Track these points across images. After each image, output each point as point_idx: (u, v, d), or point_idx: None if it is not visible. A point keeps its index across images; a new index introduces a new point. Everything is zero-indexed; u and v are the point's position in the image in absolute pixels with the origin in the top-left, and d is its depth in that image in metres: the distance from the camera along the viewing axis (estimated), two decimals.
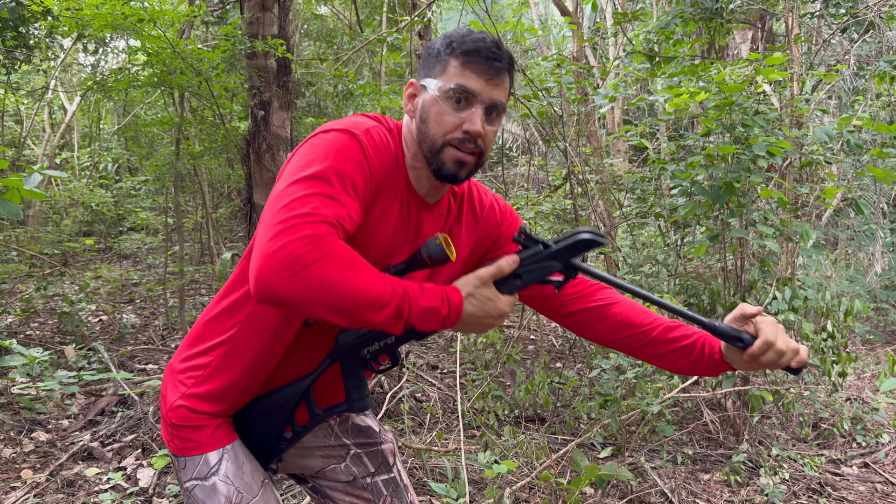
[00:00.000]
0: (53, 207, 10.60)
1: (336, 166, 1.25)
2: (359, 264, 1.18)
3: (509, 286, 1.31)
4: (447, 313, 1.25)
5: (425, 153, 1.39)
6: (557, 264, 1.30)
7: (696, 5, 5.48)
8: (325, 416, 1.46)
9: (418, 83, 1.41)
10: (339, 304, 1.16)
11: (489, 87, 1.34)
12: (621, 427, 3.49)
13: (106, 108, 13.23)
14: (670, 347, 1.48)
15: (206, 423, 1.45)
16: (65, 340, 5.43)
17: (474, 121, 1.34)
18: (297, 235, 1.14)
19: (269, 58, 4.83)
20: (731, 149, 3.37)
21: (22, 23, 7.10)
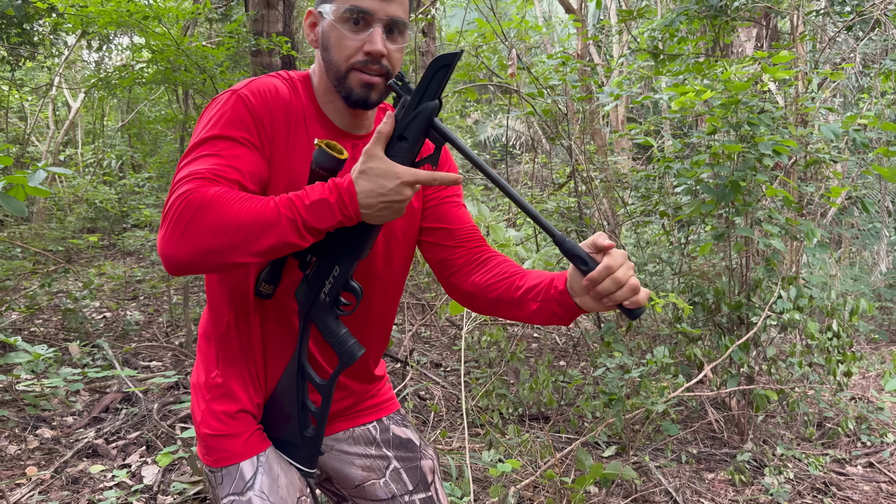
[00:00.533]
0: (57, 204, 10.62)
1: (217, 127, 1.26)
2: (235, 199, 1.16)
3: (399, 152, 1.22)
4: (337, 199, 1.17)
5: (332, 81, 1.36)
6: (432, 102, 1.20)
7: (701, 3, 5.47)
8: (331, 386, 1.41)
9: (315, 10, 1.38)
10: (232, 240, 1.14)
11: (384, 3, 1.31)
12: (626, 426, 3.49)
13: (110, 104, 13.24)
14: (523, 291, 1.41)
15: (237, 431, 1.43)
16: (69, 337, 5.44)
17: (374, 40, 1.30)
18: (172, 198, 1.15)
19: (273, 55, 4.83)
20: (738, 147, 3.36)
21: (26, 19, 7.11)
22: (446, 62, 1.18)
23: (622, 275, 1.19)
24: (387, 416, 1.68)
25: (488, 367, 4.38)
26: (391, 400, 1.72)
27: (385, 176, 1.18)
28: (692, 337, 3.88)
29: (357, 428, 1.63)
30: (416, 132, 1.21)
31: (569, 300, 1.32)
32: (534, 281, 1.41)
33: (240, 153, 1.25)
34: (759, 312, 3.74)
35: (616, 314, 4.46)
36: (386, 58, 1.33)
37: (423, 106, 1.20)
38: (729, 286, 3.95)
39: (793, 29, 5.54)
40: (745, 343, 3.63)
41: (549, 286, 1.36)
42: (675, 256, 4.72)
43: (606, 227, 5.05)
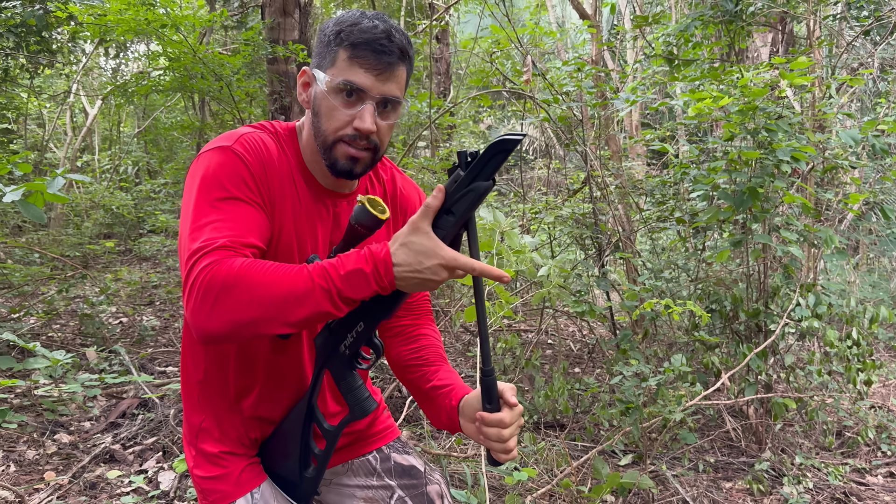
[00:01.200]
0: (74, 210, 10.71)
1: (220, 187, 1.23)
2: (265, 269, 1.14)
3: (444, 225, 1.17)
4: (374, 269, 1.14)
5: (319, 147, 1.35)
6: (486, 183, 1.14)
7: (717, 8, 5.44)
8: (338, 433, 1.40)
9: (310, 72, 1.35)
10: (266, 312, 1.13)
11: (379, 82, 1.29)
12: (643, 434, 3.46)
13: (126, 111, 13.36)
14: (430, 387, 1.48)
15: (228, 471, 1.43)
16: (86, 342, 5.47)
17: (364, 118, 1.28)
18: (196, 271, 1.13)
19: (289, 63, 4.86)
20: (756, 154, 3.33)
21: (46, 28, 7.19)
22: (507, 147, 1.12)
23: (507, 433, 1.27)
24: (386, 445, 1.67)
25: (503, 374, 4.37)
26: (390, 428, 1.71)
27: (426, 254, 1.14)
28: (709, 345, 3.85)
29: (355, 460, 1.63)
30: (465, 209, 1.17)
31: (455, 418, 1.41)
32: (441, 381, 1.48)
33: (247, 214, 1.24)
34: (777, 320, 3.71)
35: (629, 323, 4.43)
36: (375, 133, 1.31)
37: (476, 185, 1.15)
38: (746, 293, 3.92)
39: (809, 34, 5.50)
40: (763, 351, 3.59)
41: (447, 395, 1.43)
42: (692, 263, 4.68)
43: (622, 233, 5.03)
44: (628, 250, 4.79)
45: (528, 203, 6.07)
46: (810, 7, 5.40)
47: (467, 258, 1.16)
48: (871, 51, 7.08)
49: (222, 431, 1.45)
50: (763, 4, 5.22)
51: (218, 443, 1.44)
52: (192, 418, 1.48)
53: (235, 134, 1.31)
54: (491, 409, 1.27)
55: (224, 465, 1.43)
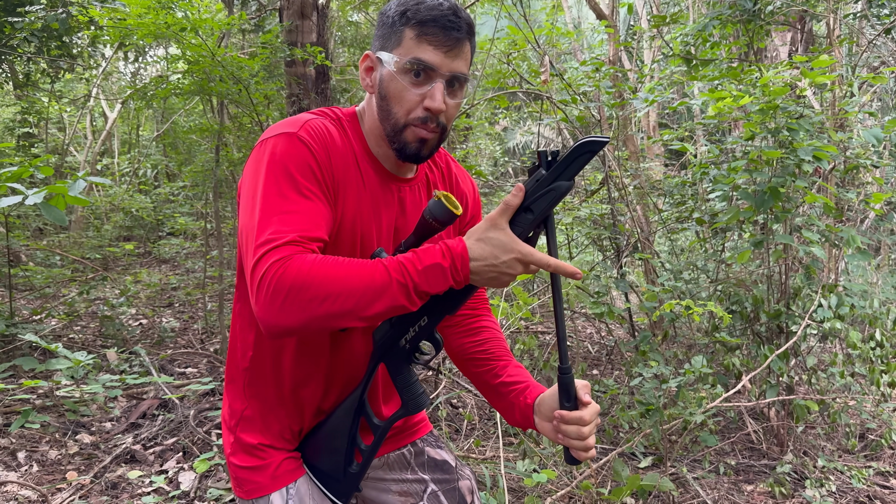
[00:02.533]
0: (95, 213, 10.83)
1: (284, 176, 1.21)
2: (339, 264, 1.14)
3: (522, 223, 1.18)
4: (451, 264, 1.15)
5: (387, 131, 1.33)
6: (567, 183, 1.16)
7: (735, 7, 5.41)
8: (387, 428, 1.40)
9: (374, 55, 1.34)
10: (342, 306, 1.12)
11: (448, 58, 1.27)
12: (663, 436, 3.44)
13: (145, 115, 13.49)
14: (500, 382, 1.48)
15: (265, 462, 1.42)
16: (106, 344, 5.52)
17: (435, 97, 1.27)
18: (266, 265, 1.13)
19: (307, 65, 4.87)
20: (778, 153, 3.30)
21: (66, 32, 7.28)
22: (593, 149, 1.13)
23: (587, 431, 1.28)
24: (420, 439, 1.67)
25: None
26: (424, 421, 1.71)
27: (503, 248, 1.15)
28: (730, 346, 3.82)
29: (392, 454, 1.62)
30: (544, 208, 1.17)
31: (530, 416, 1.41)
32: (512, 377, 1.47)
33: (314, 206, 1.22)
34: (798, 321, 3.67)
35: (647, 324, 4.40)
36: (444, 113, 1.30)
37: (557, 184, 1.16)
38: (767, 294, 3.88)
39: (829, 32, 5.45)
40: (785, 352, 3.56)
41: (521, 393, 1.43)
42: (711, 264, 4.64)
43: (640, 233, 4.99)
44: (647, 251, 4.76)
45: None
46: (830, 5, 5.34)
47: (542, 254, 1.17)
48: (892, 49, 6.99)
49: (265, 423, 1.43)
50: (782, 3, 5.17)
51: (259, 434, 1.43)
52: (234, 404, 1.46)
53: (299, 120, 1.29)
54: (569, 408, 1.28)
55: (262, 456, 1.42)
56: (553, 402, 1.33)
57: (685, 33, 5.78)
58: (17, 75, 9.40)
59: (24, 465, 3.50)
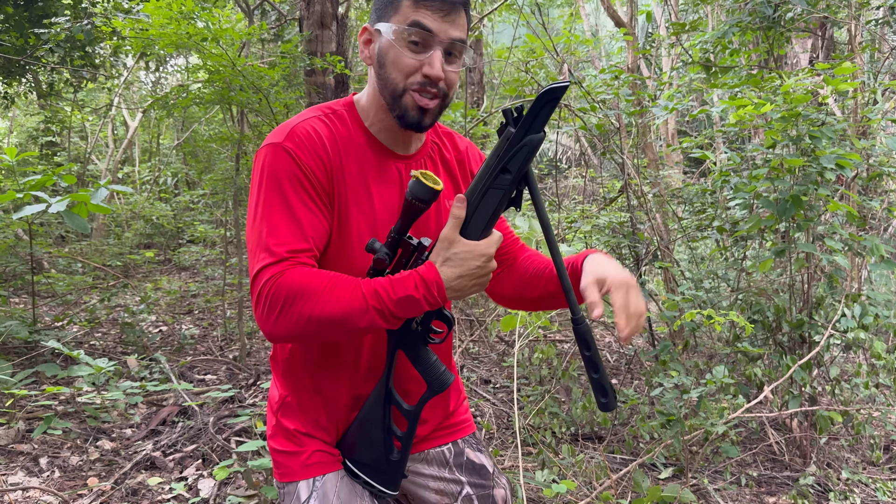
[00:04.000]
0: (116, 220, 10.94)
1: (274, 189, 1.29)
2: (322, 287, 1.22)
3: (501, 184, 1.21)
4: (425, 293, 1.22)
5: (387, 99, 1.36)
6: (538, 136, 1.17)
7: (755, 14, 5.37)
8: (418, 412, 1.43)
9: (372, 28, 1.37)
10: (324, 328, 1.23)
11: (446, 24, 1.30)
12: (684, 447, 3.40)
13: (166, 124, 13.63)
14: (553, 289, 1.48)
15: (300, 450, 1.46)
16: (127, 350, 5.57)
17: (434, 63, 1.30)
18: (261, 282, 1.23)
19: (327, 74, 4.90)
20: (799, 161, 3.27)
21: (89, 43, 7.39)
22: (554, 95, 1.15)
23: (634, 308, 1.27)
24: (462, 439, 1.66)
25: (539, 385, 4.34)
26: (467, 422, 1.71)
27: (471, 257, 1.23)
28: (752, 356, 3.77)
29: (432, 450, 1.63)
30: (520, 165, 1.20)
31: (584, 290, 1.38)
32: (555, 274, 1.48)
33: (304, 218, 1.29)
34: (821, 331, 3.63)
35: (667, 334, 4.37)
36: (443, 80, 1.33)
37: (528, 139, 1.18)
38: (790, 304, 3.84)
39: (851, 39, 5.40)
40: (808, 363, 3.51)
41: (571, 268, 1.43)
42: (732, 273, 4.60)
43: (659, 242, 4.96)
44: (667, 260, 4.73)
45: (562, 212, 6.04)
46: (852, 12, 5.29)
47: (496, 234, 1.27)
48: None
49: (303, 411, 1.48)
50: (802, 10, 5.13)
51: (297, 421, 1.48)
52: (279, 390, 1.52)
53: (285, 129, 1.34)
54: (589, 356, 1.25)
55: (298, 443, 1.47)
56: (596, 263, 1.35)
57: (704, 40, 5.75)
58: (41, 85, 9.55)
59: (46, 470, 3.53)
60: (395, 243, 1.29)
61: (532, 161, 1.22)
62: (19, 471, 3.50)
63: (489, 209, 1.24)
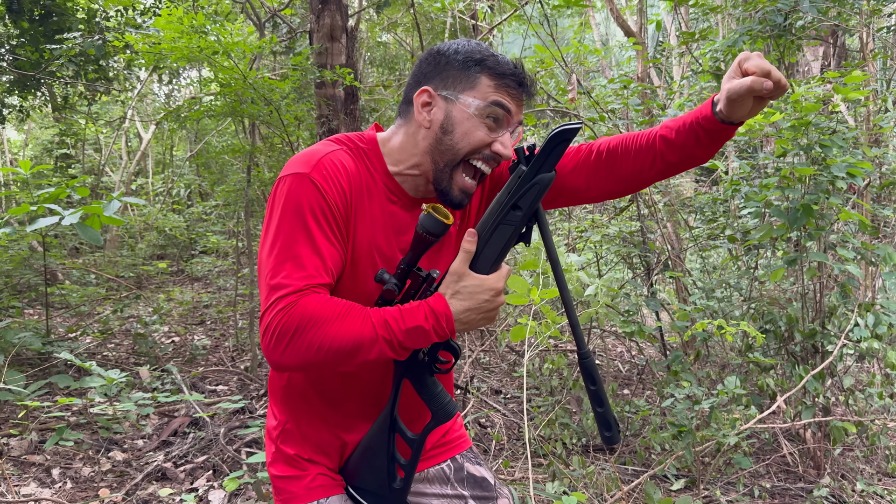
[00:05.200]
0: (129, 232, 11.02)
1: (296, 220, 1.28)
2: (333, 316, 1.22)
3: (512, 220, 1.24)
4: (434, 324, 1.23)
5: (438, 166, 1.38)
6: (549, 174, 1.21)
7: (765, 22, 5.35)
8: (422, 440, 1.43)
9: (436, 93, 1.38)
10: (334, 357, 1.22)
11: (517, 110, 1.37)
12: (696, 459, 3.38)
13: (179, 136, 13.73)
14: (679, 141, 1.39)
15: (303, 473, 1.47)
16: (139, 361, 5.60)
17: (507, 144, 1.36)
18: (273, 312, 1.22)
19: (337, 86, 4.93)
20: (810, 170, 3.25)
21: (103, 56, 7.47)
22: (566, 137, 1.19)
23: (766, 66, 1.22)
24: (460, 454, 1.68)
25: (550, 396, 4.32)
26: (463, 437, 1.72)
27: (480, 291, 1.25)
28: (764, 366, 3.74)
29: (431, 469, 1.64)
30: (531, 202, 1.23)
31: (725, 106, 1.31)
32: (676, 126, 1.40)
33: (325, 250, 1.29)
34: (834, 341, 3.59)
35: (680, 343, 4.34)
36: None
37: (540, 177, 1.22)
38: (802, 313, 3.81)
39: (863, 46, 5.37)
40: (821, 373, 3.48)
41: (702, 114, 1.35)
42: (744, 282, 4.57)
43: (671, 251, 4.94)
44: (678, 269, 4.71)
45: (573, 221, 6.03)
46: (863, 19, 5.27)
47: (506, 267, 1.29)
48: None
49: (303, 436, 1.48)
50: (813, 18, 5.12)
51: (298, 446, 1.48)
52: (277, 416, 1.52)
53: (313, 158, 1.33)
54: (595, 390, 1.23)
55: (300, 467, 1.47)
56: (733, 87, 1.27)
57: (714, 49, 5.74)
58: (56, 98, 9.66)
59: (58, 481, 3.55)
60: (405, 274, 1.31)
61: (542, 199, 1.25)
62: (32, 482, 3.52)
63: (499, 244, 1.27)
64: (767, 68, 1.23)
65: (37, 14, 7.13)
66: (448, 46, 1.38)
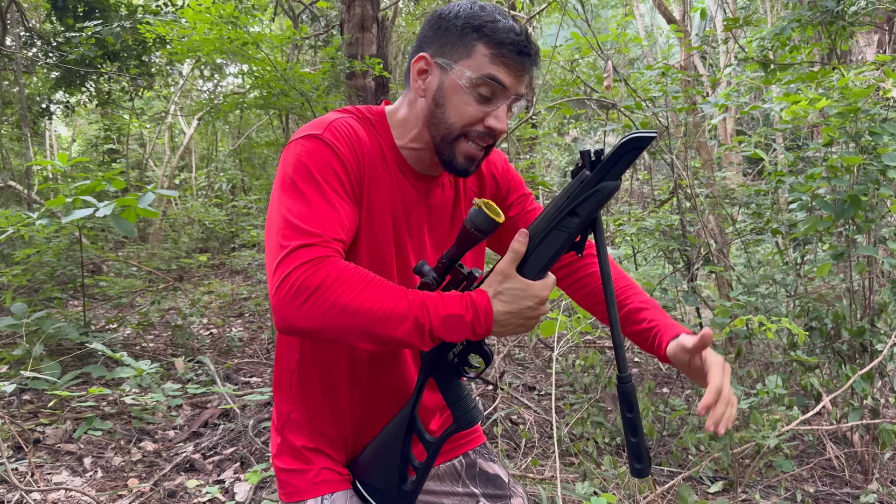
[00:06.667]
0: (173, 225, 11.21)
1: (308, 178, 1.20)
2: (366, 281, 1.13)
3: (567, 227, 1.15)
4: (473, 318, 1.15)
5: (436, 139, 1.31)
6: (614, 183, 1.11)
7: (815, 8, 5.14)
8: (440, 444, 1.36)
9: (432, 60, 1.30)
10: (355, 324, 1.11)
11: (517, 82, 1.27)
12: (734, 460, 3.24)
13: (221, 131, 13.92)
14: (630, 329, 1.42)
15: (307, 467, 1.41)
16: (177, 352, 5.66)
17: (501, 118, 1.27)
18: (296, 263, 1.12)
19: (367, 77, 4.89)
20: (858, 159, 3.08)
21: (144, 52, 7.59)
22: (639, 145, 1.09)
23: (731, 410, 1.23)
24: (473, 450, 1.61)
25: (584, 393, 4.21)
26: (476, 432, 1.66)
27: (522, 296, 1.17)
28: (808, 366, 3.58)
29: (442, 465, 1.57)
30: (591, 210, 1.14)
31: (666, 360, 1.37)
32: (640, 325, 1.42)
33: (337, 207, 1.21)
34: (884, 339, 3.41)
35: (722, 341, 4.19)
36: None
37: (603, 185, 1.12)
38: (850, 310, 3.62)
39: None
40: (869, 373, 3.30)
41: (653, 337, 1.38)
42: (790, 277, 4.38)
43: (713, 245, 4.77)
44: (721, 264, 4.54)
45: (612, 215, 5.89)
46: None
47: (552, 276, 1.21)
48: None
49: (311, 425, 1.41)
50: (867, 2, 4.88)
51: (304, 436, 1.41)
52: (282, 407, 1.46)
53: (325, 121, 1.28)
54: (631, 418, 1.19)
55: (305, 460, 1.41)
56: (682, 353, 1.31)
57: (762, 37, 5.55)
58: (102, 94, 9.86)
59: (89, 470, 3.58)
60: (445, 269, 1.24)
61: (603, 208, 1.17)
62: (64, 470, 3.57)
63: (550, 250, 1.18)
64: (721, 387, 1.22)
65: (80, 11, 7.26)
66: (450, 9, 1.30)
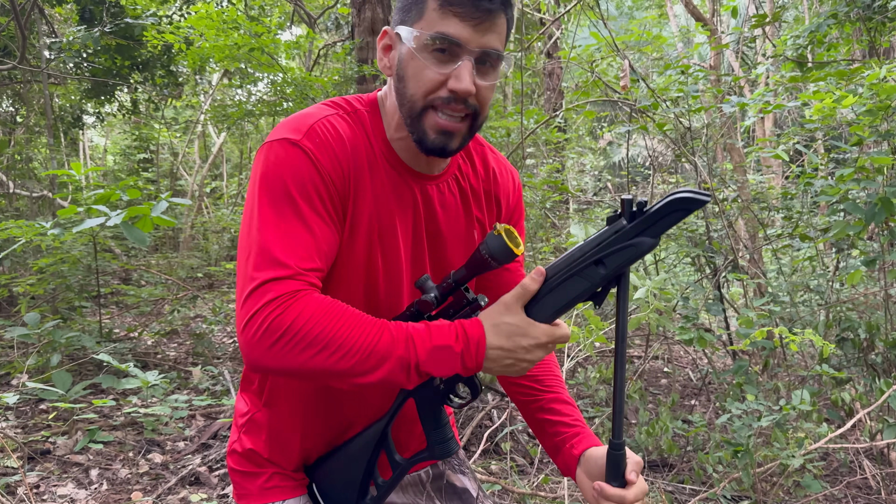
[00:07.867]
0: (204, 234, 11.30)
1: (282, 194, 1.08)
2: (342, 317, 1.02)
3: (591, 276, 1.04)
4: (464, 349, 1.04)
5: (405, 118, 1.15)
6: (651, 240, 1.00)
7: (852, 4, 4.93)
8: (408, 467, 1.26)
9: (392, 31, 1.16)
10: (330, 366, 1.01)
11: (478, 33, 1.08)
12: (759, 480, 3.04)
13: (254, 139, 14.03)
14: (545, 421, 1.33)
15: (259, 471, 1.32)
16: (196, 361, 5.63)
17: (461, 76, 1.08)
18: (265, 299, 1.01)
19: (377, 81, 4.81)
20: (888, 160, 2.88)
21: (170, 61, 7.65)
22: (687, 206, 0.97)
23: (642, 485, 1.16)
24: (442, 461, 1.49)
25: (601, 407, 4.04)
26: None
27: (520, 333, 1.06)
28: (840, 379, 3.36)
29: (407, 476, 1.45)
30: (620, 264, 1.03)
31: (573, 467, 1.29)
32: (560, 417, 1.34)
33: (316, 231, 1.09)
34: None
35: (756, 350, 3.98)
36: (474, 96, 1.11)
37: (639, 240, 1.01)
38: (886, 320, 3.41)
39: None
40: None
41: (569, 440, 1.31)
42: (824, 285, 4.16)
43: (742, 251, 4.56)
44: (752, 270, 4.34)
45: None
46: None
47: (567, 328, 1.09)
48: None
49: (271, 434, 1.31)
50: None
51: (262, 442, 1.32)
52: (248, 404, 1.36)
53: (305, 123, 1.13)
54: (616, 485, 1.15)
55: (257, 464, 1.32)
56: (600, 464, 1.22)
57: (796, 35, 5.34)
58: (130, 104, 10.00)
59: (95, 483, 3.54)
60: (450, 290, 1.13)
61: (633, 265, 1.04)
62: (70, 482, 3.53)
63: (566, 296, 1.08)
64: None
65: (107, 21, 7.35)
66: None
